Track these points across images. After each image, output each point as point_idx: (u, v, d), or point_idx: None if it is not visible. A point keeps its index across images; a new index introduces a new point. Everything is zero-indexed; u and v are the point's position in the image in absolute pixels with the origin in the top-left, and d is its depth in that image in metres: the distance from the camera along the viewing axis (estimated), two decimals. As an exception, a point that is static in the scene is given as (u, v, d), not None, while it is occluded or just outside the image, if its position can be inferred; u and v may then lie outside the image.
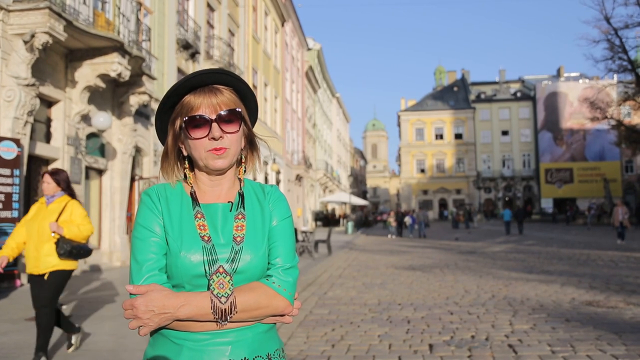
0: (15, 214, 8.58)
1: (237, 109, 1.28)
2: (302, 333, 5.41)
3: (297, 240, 14.96)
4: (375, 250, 18.46)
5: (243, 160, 1.35)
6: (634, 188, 55.34)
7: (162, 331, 1.23)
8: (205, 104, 1.25)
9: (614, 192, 46.70)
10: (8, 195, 8.52)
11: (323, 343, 5.01)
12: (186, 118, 1.25)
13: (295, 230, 15.87)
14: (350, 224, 33.39)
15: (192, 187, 1.31)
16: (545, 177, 59.95)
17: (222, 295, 1.19)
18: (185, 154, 1.32)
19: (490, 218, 57.46)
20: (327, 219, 43.83)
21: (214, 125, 1.24)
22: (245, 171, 1.36)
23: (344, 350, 4.75)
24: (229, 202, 1.31)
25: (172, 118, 1.31)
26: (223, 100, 1.26)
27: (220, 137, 1.24)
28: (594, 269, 10.93)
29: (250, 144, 1.37)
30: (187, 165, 1.33)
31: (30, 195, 10.12)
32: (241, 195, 1.32)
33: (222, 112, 1.25)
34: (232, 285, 1.21)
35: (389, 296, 7.77)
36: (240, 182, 1.36)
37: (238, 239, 1.25)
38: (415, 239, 24.69)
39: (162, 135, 1.37)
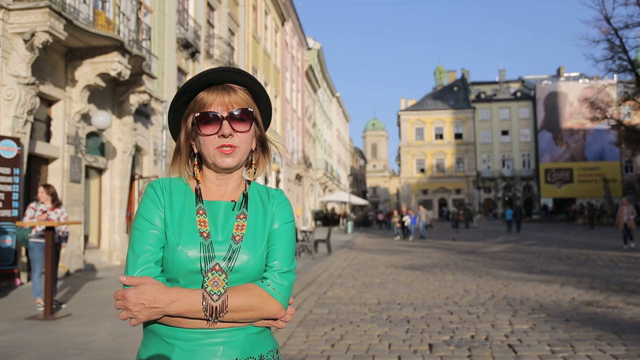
0: (15, 213, 8.58)
1: (249, 109, 1.28)
2: (302, 332, 5.41)
3: (296, 240, 14.96)
4: (375, 249, 18.47)
5: (254, 162, 1.35)
6: (634, 188, 55.33)
7: (154, 330, 1.22)
8: (218, 102, 1.26)
9: (613, 192, 46.73)
10: (8, 194, 8.52)
11: (323, 342, 5.01)
12: (198, 114, 1.26)
13: (295, 229, 15.85)
14: (350, 224, 33.35)
15: (197, 183, 1.32)
16: (545, 177, 59.97)
17: (215, 293, 1.18)
18: (195, 151, 1.32)
19: (491, 218, 57.51)
20: (326, 219, 43.82)
21: (225, 122, 1.24)
22: (255, 173, 1.36)
23: (343, 349, 4.75)
24: (232, 201, 1.31)
25: (185, 114, 1.32)
26: (236, 99, 1.27)
27: (230, 134, 1.24)
28: (594, 269, 10.94)
29: (262, 146, 1.36)
30: (196, 162, 1.33)
31: (30, 194, 10.12)
32: (245, 196, 1.32)
33: (234, 111, 1.25)
34: (226, 283, 1.20)
35: (388, 296, 7.77)
36: (246, 184, 1.36)
37: (237, 237, 1.25)
38: (415, 239, 24.57)
39: (174, 132, 1.37)
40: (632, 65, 31.36)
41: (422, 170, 66.43)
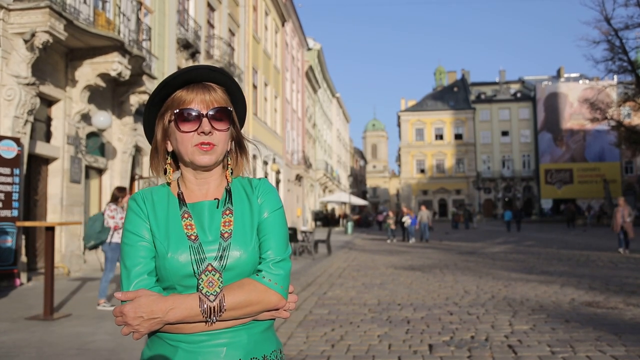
0: (15, 213, 8.58)
1: (229, 108, 1.28)
2: (302, 333, 5.41)
3: (296, 241, 14.96)
4: (375, 250, 18.46)
5: (229, 163, 1.34)
6: (634, 189, 55.34)
7: (158, 333, 1.22)
8: (197, 100, 1.25)
9: (613, 193, 46.73)
10: (8, 195, 8.51)
11: (323, 343, 5.01)
12: (177, 111, 1.24)
13: (295, 230, 15.84)
14: (350, 224, 33.34)
15: (179, 187, 1.31)
16: (545, 178, 59.98)
17: (211, 294, 1.18)
18: (170, 149, 1.31)
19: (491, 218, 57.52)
20: (326, 219, 43.83)
21: (205, 120, 1.23)
22: (232, 174, 1.34)
23: (343, 350, 4.75)
24: (215, 199, 1.30)
25: (161, 112, 1.30)
26: (216, 97, 1.26)
27: (210, 132, 1.24)
28: (594, 269, 10.94)
29: (239, 147, 1.36)
30: (169, 160, 1.32)
31: (30, 194, 10.12)
32: (228, 191, 1.31)
33: (214, 109, 1.25)
34: (221, 282, 1.20)
35: (388, 296, 7.76)
36: (228, 180, 1.35)
37: (225, 235, 1.24)
38: (417, 241, 24.19)
39: (148, 131, 1.36)
40: (632, 66, 31.37)
41: (422, 171, 66.45)
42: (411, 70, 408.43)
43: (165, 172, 1.32)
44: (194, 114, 1.23)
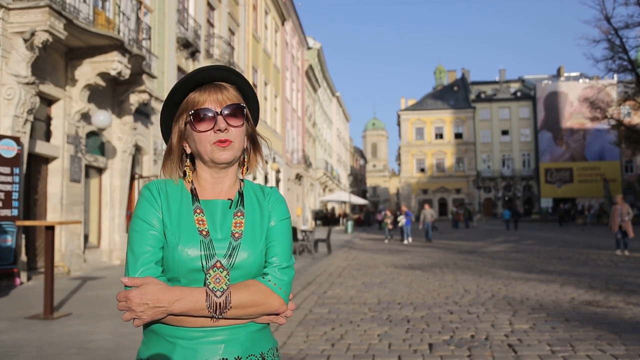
0: (15, 212, 8.58)
1: (242, 104, 1.30)
2: (302, 332, 5.41)
3: (296, 240, 14.95)
4: (375, 249, 18.47)
5: (245, 159, 1.36)
6: (634, 188, 55.35)
7: (155, 329, 1.23)
8: (211, 99, 1.27)
9: (613, 192, 46.75)
10: (8, 194, 8.51)
11: (323, 342, 5.01)
12: (192, 112, 1.27)
13: (295, 229, 15.85)
14: (350, 224, 33.35)
15: (192, 183, 1.33)
16: (545, 177, 59.99)
17: (218, 290, 1.19)
18: (188, 151, 1.33)
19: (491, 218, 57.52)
20: (326, 218, 43.86)
21: (219, 117, 1.26)
22: (247, 170, 1.37)
23: (343, 349, 4.75)
24: (229, 199, 1.32)
25: (176, 115, 1.33)
26: (228, 96, 1.29)
27: (226, 129, 1.26)
28: (594, 268, 10.94)
29: (253, 143, 1.38)
30: (188, 163, 1.34)
31: (30, 193, 10.12)
32: (241, 194, 1.34)
33: (228, 106, 1.28)
34: (228, 280, 1.21)
35: (388, 295, 7.77)
36: (240, 183, 1.37)
37: (236, 235, 1.26)
38: (418, 241, 23.93)
39: (166, 134, 1.38)
40: (632, 65, 31.40)
41: (422, 170, 66.47)
42: (411, 69, 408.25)
43: (184, 175, 1.34)
44: (208, 113, 1.26)
